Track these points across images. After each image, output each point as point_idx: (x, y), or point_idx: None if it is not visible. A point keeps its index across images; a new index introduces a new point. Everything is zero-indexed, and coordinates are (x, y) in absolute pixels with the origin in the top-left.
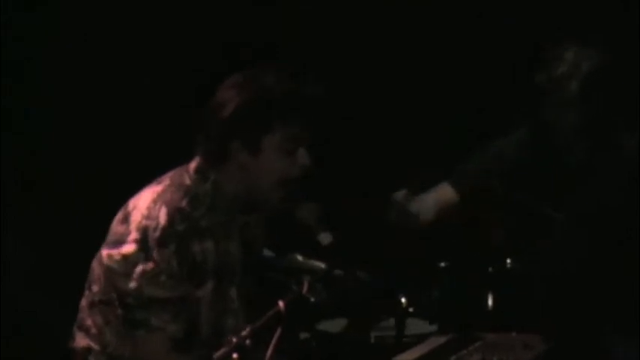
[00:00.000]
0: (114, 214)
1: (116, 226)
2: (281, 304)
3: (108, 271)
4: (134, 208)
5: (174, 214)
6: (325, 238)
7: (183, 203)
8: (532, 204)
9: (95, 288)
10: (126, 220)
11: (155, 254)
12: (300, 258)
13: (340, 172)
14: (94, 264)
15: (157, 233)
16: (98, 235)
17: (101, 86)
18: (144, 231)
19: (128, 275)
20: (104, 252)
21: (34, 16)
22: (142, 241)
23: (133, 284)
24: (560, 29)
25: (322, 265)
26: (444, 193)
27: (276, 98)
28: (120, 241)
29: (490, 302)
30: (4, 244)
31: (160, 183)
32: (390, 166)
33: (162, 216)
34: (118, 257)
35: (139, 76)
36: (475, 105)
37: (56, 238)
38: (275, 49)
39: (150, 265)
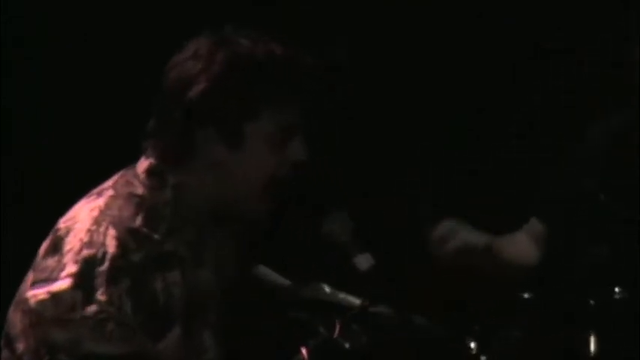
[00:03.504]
0: None
1: (42, 260)
2: (304, 352)
3: (34, 317)
4: (68, 231)
5: (126, 239)
6: (364, 261)
7: (137, 222)
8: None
9: (20, 346)
10: (56, 248)
11: (100, 294)
12: (328, 289)
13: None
14: (13, 313)
15: (105, 266)
16: None
17: (101, 86)
18: (85, 263)
19: (60, 322)
20: (28, 294)
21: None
22: (82, 276)
23: (66, 335)
24: (560, 29)
25: (359, 300)
26: (534, 229)
27: (264, 70)
28: (50, 278)
29: (593, 346)
30: (5, 244)
31: (100, 195)
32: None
33: (111, 241)
34: (44, 297)
35: (139, 75)
36: (475, 105)
37: None
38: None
39: (92, 309)
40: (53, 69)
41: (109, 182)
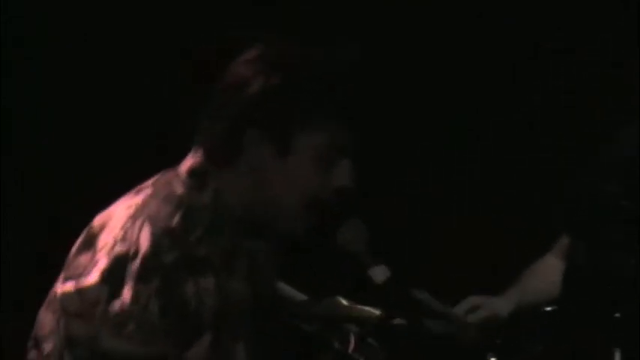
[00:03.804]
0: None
1: (75, 257)
2: None
3: (59, 310)
4: (102, 228)
5: (160, 238)
6: (380, 272)
7: (174, 221)
8: None
9: (47, 346)
10: (89, 245)
11: (126, 292)
12: (343, 302)
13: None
14: (44, 313)
15: (136, 264)
16: None
17: (101, 86)
18: (115, 260)
19: (82, 316)
20: (57, 289)
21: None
22: (111, 272)
23: (86, 329)
24: (560, 29)
25: (376, 312)
26: (564, 246)
27: (325, 81)
28: (82, 274)
29: None
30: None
31: (139, 192)
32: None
33: (144, 239)
34: (71, 291)
35: (139, 75)
36: (475, 105)
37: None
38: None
39: (116, 306)
40: (53, 69)
41: (149, 181)
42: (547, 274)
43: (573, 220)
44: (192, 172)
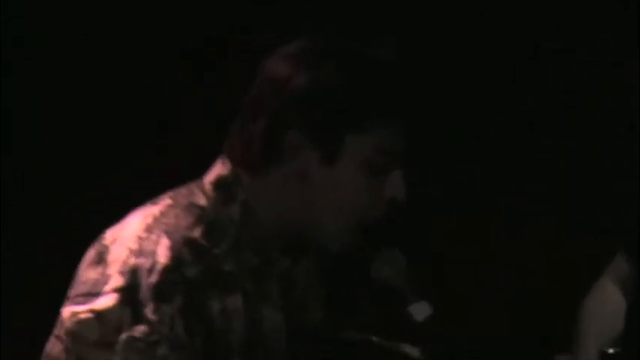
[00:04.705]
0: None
1: (85, 271)
2: None
3: (73, 339)
4: (115, 239)
5: (181, 250)
6: (421, 309)
7: (196, 233)
8: None
9: None
10: (101, 259)
11: (150, 312)
12: (378, 340)
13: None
14: (52, 343)
15: (154, 278)
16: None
17: (101, 86)
18: (132, 274)
19: (105, 345)
20: (65, 310)
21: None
22: (129, 291)
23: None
24: (560, 29)
25: (416, 352)
26: (623, 271)
27: (382, 77)
28: (92, 293)
29: None
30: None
31: (156, 203)
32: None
33: (163, 251)
34: (87, 316)
35: (139, 76)
36: (475, 105)
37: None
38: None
39: (142, 330)
40: (53, 69)
41: (170, 193)
42: (609, 308)
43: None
44: (218, 184)
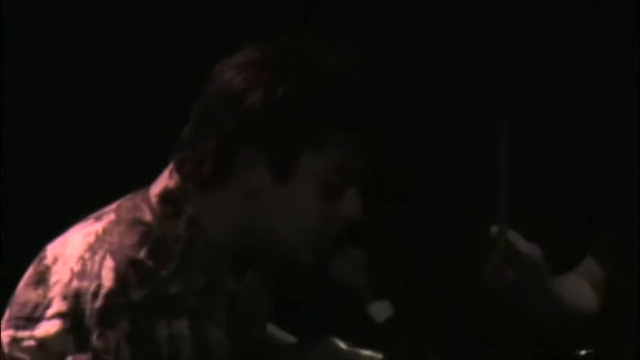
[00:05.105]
0: None
1: (25, 291)
2: None
3: None
4: (56, 259)
5: (126, 272)
6: (381, 310)
7: (142, 253)
8: None
9: None
10: (42, 279)
11: (95, 339)
12: (341, 344)
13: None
14: None
15: (99, 303)
16: None
17: (102, 86)
18: (75, 298)
19: None
20: (5, 334)
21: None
22: (72, 316)
23: None
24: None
25: (378, 356)
26: (592, 272)
27: (344, 97)
28: (33, 317)
29: None
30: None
31: (99, 219)
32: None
33: (108, 274)
34: (28, 344)
35: (140, 77)
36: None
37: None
38: None
39: (85, 358)
40: (53, 69)
41: (113, 205)
42: (568, 285)
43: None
44: (165, 197)
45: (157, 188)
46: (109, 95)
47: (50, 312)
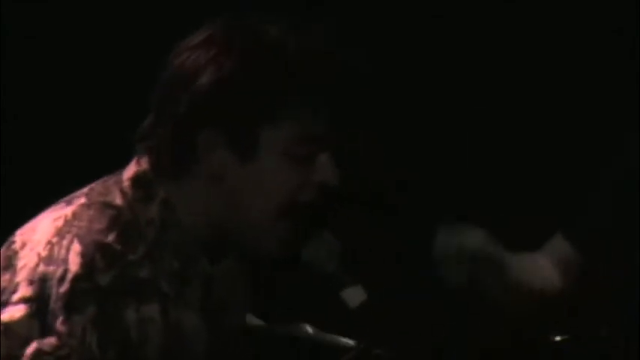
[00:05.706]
0: None
1: None
2: None
3: None
4: (24, 244)
5: (93, 256)
6: (355, 295)
7: (110, 237)
8: None
9: None
10: (9, 264)
11: (60, 324)
12: (311, 330)
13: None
14: None
15: (65, 287)
16: None
17: (102, 86)
18: (41, 283)
19: (11, 359)
20: None
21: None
22: (38, 301)
23: None
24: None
25: (350, 342)
26: (561, 250)
27: (291, 64)
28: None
29: None
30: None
31: (70, 203)
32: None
33: (74, 258)
34: None
35: (139, 75)
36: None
37: None
38: None
39: (50, 342)
40: (53, 69)
41: (85, 189)
42: (530, 265)
43: (585, 229)
44: (137, 180)
45: (129, 172)
46: (109, 95)
47: (16, 297)
